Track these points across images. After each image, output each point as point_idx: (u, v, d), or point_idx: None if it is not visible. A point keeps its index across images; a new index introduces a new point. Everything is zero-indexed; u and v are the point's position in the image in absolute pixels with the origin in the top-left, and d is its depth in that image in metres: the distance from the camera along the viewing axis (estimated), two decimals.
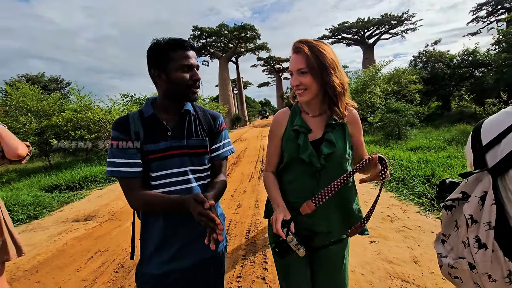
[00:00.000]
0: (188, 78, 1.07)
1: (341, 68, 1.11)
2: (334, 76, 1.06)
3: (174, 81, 1.06)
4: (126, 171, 1.04)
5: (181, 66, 1.05)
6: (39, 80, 23.36)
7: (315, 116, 1.18)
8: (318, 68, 1.06)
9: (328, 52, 1.08)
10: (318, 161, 1.10)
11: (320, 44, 1.09)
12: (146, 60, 1.09)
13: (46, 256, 3.24)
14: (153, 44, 1.06)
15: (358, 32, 36.55)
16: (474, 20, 27.95)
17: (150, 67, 1.08)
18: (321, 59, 1.05)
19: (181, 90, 1.08)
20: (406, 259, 2.63)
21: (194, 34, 34.51)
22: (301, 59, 1.06)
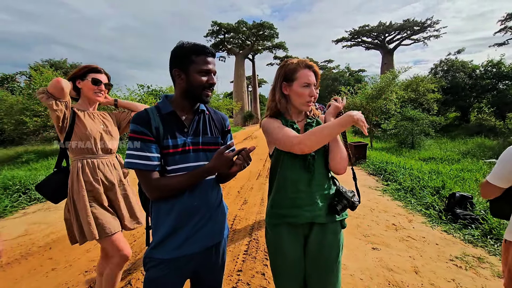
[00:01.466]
0: (205, 82, 1.16)
1: None
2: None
3: (192, 82, 1.14)
4: (145, 163, 1.10)
5: (201, 70, 1.14)
6: (61, 66, 24.14)
7: (299, 121, 1.39)
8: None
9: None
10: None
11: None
12: (169, 58, 1.18)
13: (59, 235, 3.41)
14: (178, 46, 1.15)
15: (379, 36, 35.80)
16: (502, 30, 26.82)
17: (172, 66, 1.17)
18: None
19: (197, 91, 1.16)
20: (407, 269, 2.63)
21: (213, 29, 34.75)
22: (315, 76, 1.32)
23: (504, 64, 15.19)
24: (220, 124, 1.33)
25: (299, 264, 1.27)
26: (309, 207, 1.24)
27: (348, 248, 2.99)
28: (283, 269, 1.30)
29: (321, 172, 1.29)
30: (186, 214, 1.16)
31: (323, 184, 1.29)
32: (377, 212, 4.15)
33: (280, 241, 1.29)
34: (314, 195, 1.25)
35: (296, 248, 1.27)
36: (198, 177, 1.13)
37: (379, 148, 11.02)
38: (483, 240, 3.18)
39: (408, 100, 14.32)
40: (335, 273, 1.26)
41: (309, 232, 1.28)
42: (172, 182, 1.10)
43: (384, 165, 7.07)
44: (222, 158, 1.10)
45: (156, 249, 1.15)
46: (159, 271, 1.14)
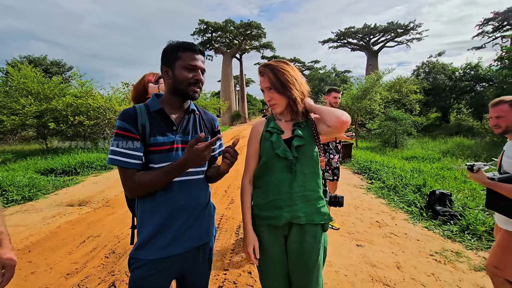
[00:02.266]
0: (190, 77, 1.14)
1: (301, 80, 1.32)
2: (293, 90, 1.27)
3: (177, 77, 1.14)
4: (128, 161, 1.08)
5: (187, 65, 1.13)
6: (41, 62, 23.24)
7: (287, 121, 1.38)
8: (280, 85, 1.27)
9: (287, 70, 1.27)
10: (291, 153, 1.26)
11: (280, 65, 1.29)
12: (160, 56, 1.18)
13: (39, 237, 3.29)
14: (167, 44, 1.16)
15: (364, 37, 36.52)
16: (479, 34, 27.96)
17: (161, 64, 1.17)
18: (282, 79, 1.26)
19: (182, 87, 1.15)
20: (389, 264, 2.71)
21: (200, 28, 34.38)
22: (266, 80, 1.29)
23: (481, 67, 15.88)
24: (210, 125, 1.33)
25: (281, 263, 1.28)
26: (288, 208, 1.25)
27: (333, 246, 3.05)
28: (267, 268, 1.31)
29: (304, 173, 1.27)
30: (172, 213, 1.15)
31: (305, 185, 1.27)
32: (362, 210, 4.25)
33: (262, 240, 1.31)
34: (295, 196, 1.25)
35: (277, 248, 1.28)
36: (172, 172, 1.08)
37: (364, 148, 11.27)
38: (461, 235, 3.32)
39: (391, 100, 14.72)
40: (316, 274, 1.26)
41: (288, 232, 1.28)
42: (148, 178, 1.08)
43: (369, 164, 7.24)
44: (194, 151, 1.04)
45: (141, 249, 1.13)
46: (144, 272, 1.12)
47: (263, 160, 1.33)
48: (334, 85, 20.06)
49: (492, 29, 26.94)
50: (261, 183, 1.34)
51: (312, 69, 43.54)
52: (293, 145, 1.27)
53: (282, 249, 1.28)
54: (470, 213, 3.62)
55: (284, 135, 1.33)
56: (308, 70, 45.22)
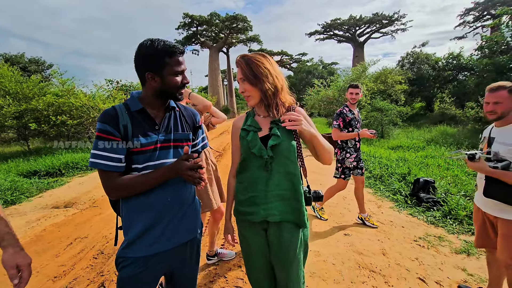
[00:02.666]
0: (180, 82, 1.15)
1: (276, 73, 1.28)
2: (265, 83, 1.25)
3: (168, 84, 1.13)
4: (110, 165, 1.06)
5: (176, 71, 1.12)
6: (19, 60, 22.29)
7: (265, 116, 1.36)
8: (252, 77, 1.25)
9: (261, 62, 1.26)
10: (266, 152, 1.25)
11: (255, 57, 1.28)
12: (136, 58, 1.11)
13: (23, 242, 3.21)
14: (148, 46, 1.08)
15: (350, 29, 36.73)
16: (461, 24, 28.66)
17: (144, 70, 1.11)
18: (255, 70, 1.25)
19: (173, 92, 1.16)
20: (375, 251, 2.79)
21: (185, 22, 33.69)
22: (240, 71, 1.29)
23: (463, 56, 16.26)
24: (191, 120, 1.32)
25: (263, 256, 1.31)
26: (264, 206, 1.26)
27: (321, 236, 3.12)
28: (250, 261, 1.35)
29: (280, 172, 1.26)
30: (159, 211, 1.14)
31: (280, 184, 1.26)
32: (349, 200, 4.34)
33: (244, 234, 1.34)
34: (270, 194, 1.26)
35: (258, 242, 1.31)
36: (157, 179, 1.09)
37: None
38: (443, 220, 3.45)
39: (377, 91, 14.93)
40: (295, 267, 1.28)
41: (267, 227, 1.30)
42: (128, 181, 1.08)
43: None
44: (181, 164, 1.07)
45: (128, 248, 1.13)
46: (132, 270, 1.12)
47: (242, 157, 1.35)
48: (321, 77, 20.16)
49: (473, 19, 27.64)
50: (242, 179, 1.35)
51: (300, 61, 43.57)
52: (268, 144, 1.26)
53: (264, 243, 1.31)
54: (452, 199, 3.76)
55: (262, 133, 1.32)
56: (295, 63, 45.19)
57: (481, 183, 1.83)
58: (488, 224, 1.89)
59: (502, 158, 1.68)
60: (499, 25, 11.23)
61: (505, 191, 1.63)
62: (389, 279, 2.34)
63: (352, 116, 3.23)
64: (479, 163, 1.70)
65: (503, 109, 1.70)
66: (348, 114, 3.23)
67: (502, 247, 1.74)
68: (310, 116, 11.47)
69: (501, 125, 1.78)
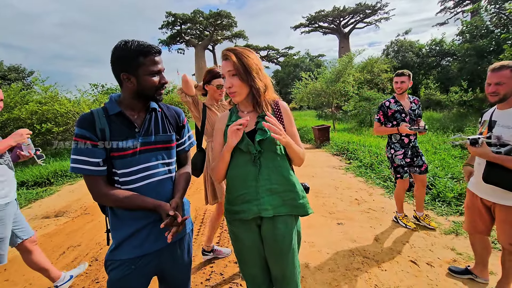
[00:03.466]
0: (157, 82, 1.13)
1: (263, 72, 1.29)
2: (257, 80, 1.24)
3: (144, 84, 1.11)
4: (90, 169, 1.07)
5: (151, 71, 1.10)
6: None
7: (249, 112, 1.34)
8: (244, 72, 1.22)
9: (252, 58, 1.24)
10: (254, 148, 1.25)
11: (245, 51, 1.25)
12: (111, 60, 1.10)
13: (14, 254, 3.12)
14: (121, 47, 1.07)
15: (334, 20, 36.85)
16: (442, 10, 29.12)
17: (119, 70, 1.10)
18: (246, 65, 1.22)
19: (150, 93, 1.14)
20: (368, 238, 2.85)
21: (168, 21, 33.18)
22: (230, 64, 1.23)
23: (445, 42, 16.59)
24: (174, 120, 1.30)
25: (257, 250, 1.30)
26: (256, 201, 1.24)
27: (314, 227, 3.16)
28: (244, 257, 1.34)
29: (269, 166, 1.25)
30: (144, 215, 1.14)
31: (270, 178, 1.25)
32: (341, 189, 4.40)
33: (237, 231, 1.32)
34: (261, 189, 1.24)
35: (251, 238, 1.30)
36: (145, 208, 1.11)
37: (341, 129, 11.56)
38: (432, 203, 3.54)
39: (364, 81, 15.11)
40: (291, 257, 1.28)
41: (260, 222, 1.29)
42: (117, 197, 1.08)
43: (346, 145, 7.47)
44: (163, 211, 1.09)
45: (116, 250, 1.14)
46: (121, 272, 1.12)
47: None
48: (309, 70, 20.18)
49: (453, 5, 28.09)
50: (229, 179, 1.33)
51: (287, 55, 43.55)
52: (255, 139, 1.25)
53: (257, 238, 1.30)
54: (440, 182, 3.86)
55: (247, 128, 1.30)
56: (282, 57, 45.15)
57: (479, 168, 1.81)
58: (484, 210, 1.89)
59: (504, 142, 1.63)
60: (478, 9, 11.46)
61: (507, 177, 1.60)
62: (382, 264, 2.40)
63: (397, 108, 2.88)
64: (482, 148, 1.64)
65: (506, 90, 1.63)
66: (392, 106, 2.89)
67: (502, 232, 1.78)
68: (300, 109, 11.54)
69: (504, 108, 1.72)
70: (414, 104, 2.94)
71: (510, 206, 1.70)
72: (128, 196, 1.09)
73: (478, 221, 1.96)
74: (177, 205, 1.14)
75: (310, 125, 11.56)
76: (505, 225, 1.75)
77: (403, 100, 2.92)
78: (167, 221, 1.05)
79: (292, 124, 1.35)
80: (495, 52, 10.38)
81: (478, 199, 1.91)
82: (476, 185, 1.93)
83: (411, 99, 2.95)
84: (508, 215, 1.72)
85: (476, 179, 1.91)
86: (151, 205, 1.10)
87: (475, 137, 1.67)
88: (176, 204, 1.14)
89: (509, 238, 1.74)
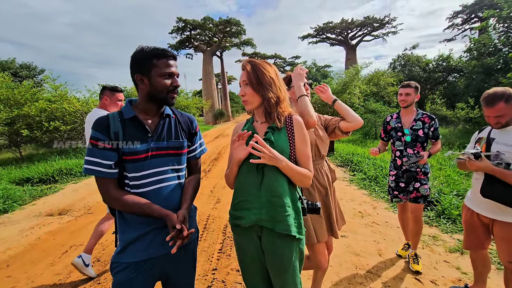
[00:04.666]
0: (169, 85, 1.16)
1: (279, 84, 1.32)
2: (269, 92, 1.27)
3: (156, 86, 1.14)
4: (103, 171, 1.10)
5: (164, 73, 1.14)
6: (9, 66, 21.98)
7: (262, 122, 1.36)
8: (256, 83, 1.27)
9: (268, 71, 1.28)
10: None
11: (262, 64, 1.30)
12: (129, 64, 1.16)
13: (17, 251, 3.16)
14: (138, 51, 1.14)
15: (342, 32, 37.21)
16: (450, 27, 29.30)
17: (134, 72, 1.15)
18: (260, 77, 1.27)
19: (162, 95, 1.17)
20: (372, 252, 2.82)
21: (178, 26, 33.66)
22: (245, 74, 1.29)
23: (453, 58, 16.62)
24: (187, 126, 1.33)
25: (258, 260, 1.30)
26: (255, 210, 1.23)
27: None
28: (246, 266, 1.34)
29: (272, 177, 1.23)
30: (152, 221, 1.16)
31: (273, 189, 1.23)
32: (345, 201, 4.38)
33: (239, 239, 1.33)
34: (262, 199, 1.23)
35: (252, 247, 1.29)
36: (153, 216, 1.13)
37: (345, 141, 11.55)
38: (437, 220, 3.51)
39: (370, 93, 15.13)
40: (291, 274, 1.26)
41: (261, 234, 1.27)
42: (126, 202, 1.11)
43: (351, 157, 7.45)
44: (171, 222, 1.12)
45: (122, 253, 1.15)
46: (126, 275, 1.13)
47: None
48: (315, 80, 20.23)
49: (461, 22, 28.27)
50: (236, 182, 1.35)
51: (293, 64, 43.89)
52: None
53: (259, 249, 1.29)
54: (445, 199, 3.83)
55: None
56: (289, 66, 45.54)
57: (476, 183, 1.81)
58: (480, 226, 1.89)
59: (503, 158, 1.67)
60: (486, 27, 11.52)
61: (507, 192, 1.61)
62: (385, 280, 2.37)
63: (395, 125, 2.58)
64: (484, 162, 1.66)
65: (507, 118, 1.69)
66: (392, 122, 2.62)
67: (502, 250, 1.76)
68: None
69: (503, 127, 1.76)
70: (421, 122, 2.46)
71: (509, 223, 1.69)
72: (137, 202, 1.11)
73: (474, 237, 1.95)
74: (184, 218, 1.15)
75: None
76: (505, 242, 1.74)
77: (406, 116, 2.55)
78: (173, 234, 1.07)
79: (304, 142, 1.30)
80: (503, 71, 10.39)
81: (475, 214, 1.91)
82: (473, 201, 1.92)
83: (419, 116, 2.48)
84: (508, 232, 1.71)
85: (473, 194, 1.91)
86: (158, 213, 1.12)
87: (477, 151, 1.70)
88: (183, 216, 1.15)
89: (510, 256, 1.72)
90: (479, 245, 1.95)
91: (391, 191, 2.69)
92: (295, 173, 1.24)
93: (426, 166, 2.52)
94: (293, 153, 1.29)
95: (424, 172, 2.50)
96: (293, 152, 1.29)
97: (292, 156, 1.29)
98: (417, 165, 2.46)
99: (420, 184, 2.48)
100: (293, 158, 1.29)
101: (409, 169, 2.50)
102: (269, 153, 1.17)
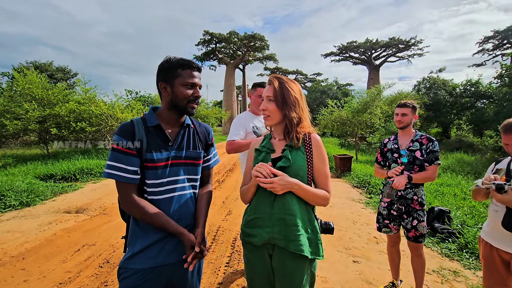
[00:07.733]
0: (190, 94, 1.19)
1: (302, 105, 1.32)
2: (292, 111, 1.26)
3: (177, 94, 1.18)
4: (125, 176, 1.12)
5: (186, 82, 1.18)
6: (47, 68, 23.58)
7: (280, 140, 1.35)
8: (281, 101, 1.26)
9: (293, 90, 1.28)
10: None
11: (289, 82, 1.30)
12: (156, 73, 1.21)
13: (34, 244, 3.28)
14: (165, 60, 1.19)
15: (366, 52, 37.03)
16: (480, 51, 28.47)
17: (158, 80, 1.20)
18: (286, 95, 1.26)
19: (182, 104, 1.20)
20: (386, 282, 2.67)
21: (205, 39, 34.97)
22: (271, 89, 1.28)
23: (482, 84, 16.00)
24: (204, 137, 1.36)
25: (267, 279, 1.26)
26: (268, 228, 1.20)
27: (329, 261, 3.02)
28: (254, 282, 1.30)
29: (285, 196, 1.20)
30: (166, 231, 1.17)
31: (285, 208, 1.20)
32: (360, 224, 4.22)
33: (249, 256, 1.30)
34: (274, 217, 1.20)
35: (262, 265, 1.26)
36: (168, 231, 1.15)
37: (363, 161, 11.25)
38: (459, 254, 3.28)
39: (392, 115, 14.78)
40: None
41: (272, 251, 1.25)
42: (146, 211, 1.12)
43: (368, 178, 7.21)
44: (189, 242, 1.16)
45: (131, 259, 1.16)
46: (133, 281, 1.14)
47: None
48: (336, 98, 20.07)
49: (492, 47, 27.40)
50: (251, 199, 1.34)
51: (314, 81, 44.00)
52: (277, 165, 1.23)
53: (268, 267, 1.26)
54: (469, 231, 3.59)
55: (274, 154, 1.31)
56: (310, 82, 45.66)
57: (496, 215, 1.72)
58: (500, 262, 1.77)
59: None
60: None
61: None
62: None
63: (391, 147, 2.41)
64: (510, 195, 1.55)
65: None
66: (389, 143, 2.45)
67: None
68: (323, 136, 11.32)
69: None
70: (418, 143, 2.27)
71: None
72: (156, 213, 1.13)
73: (497, 274, 1.80)
74: (202, 238, 1.18)
75: (332, 153, 11.36)
76: None
77: (403, 137, 2.38)
78: (193, 255, 1.10)
79: (323, 162, 1.28)
80: None
81: (494, 249, 1.78)
82: (491, 234, 1.80)
83: (417, 137, 2.30)
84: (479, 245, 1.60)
85: (491, 227, 1.79)
86: (174, 229, 1.14)
87: (501, 182, 1.57)
88: (201, 237, 1.19)
89: None
90: (501, 282, 1.80)
91: (381, 220, 2.46)
92: (309, 195, 1.21)
93: (422, 195, 2.27)
94: (310, 172, 1.27)
95: (420, 203, 2.25)
96: (310, 171, 1.26)
97: (310, 175, 1.27)
98: (395, 194, 2.20)
99: (417, 221, 2.25)
100: (310, 177, 1.27)
101: (405, 196, 2.27)
102: (279, 184, 1.15)
